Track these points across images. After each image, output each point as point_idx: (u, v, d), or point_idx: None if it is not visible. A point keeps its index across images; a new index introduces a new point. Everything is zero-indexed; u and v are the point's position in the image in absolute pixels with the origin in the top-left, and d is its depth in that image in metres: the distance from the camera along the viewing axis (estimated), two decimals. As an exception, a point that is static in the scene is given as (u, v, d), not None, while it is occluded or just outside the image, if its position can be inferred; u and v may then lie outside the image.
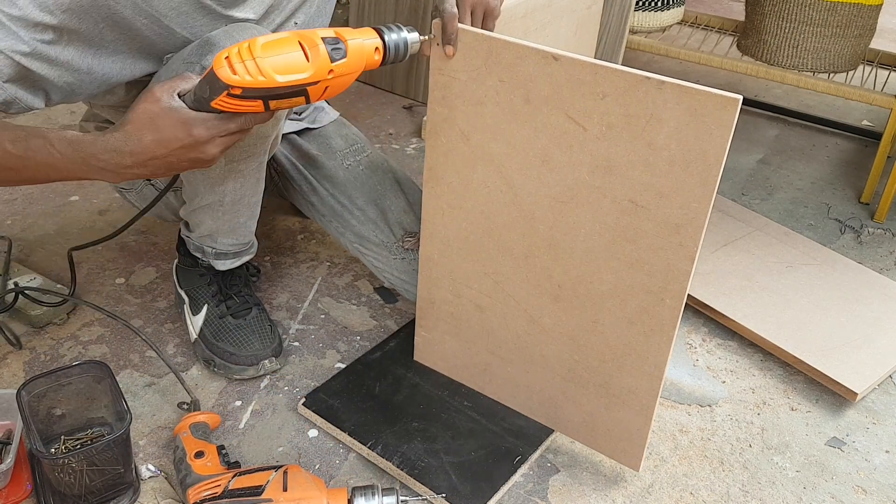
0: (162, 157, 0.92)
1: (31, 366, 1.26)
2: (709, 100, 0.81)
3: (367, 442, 1.13)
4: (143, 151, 0.91)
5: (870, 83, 2.07)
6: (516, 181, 1.00)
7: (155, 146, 0.91)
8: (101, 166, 0.93)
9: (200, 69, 1.01)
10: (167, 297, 1.42)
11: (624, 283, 0.98)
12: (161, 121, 0.90)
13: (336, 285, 1.49)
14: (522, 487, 1.11)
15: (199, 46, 1.03)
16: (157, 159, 0.92)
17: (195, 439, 1.08)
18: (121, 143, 0.91)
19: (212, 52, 1.01)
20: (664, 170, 0.88)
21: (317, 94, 0.89)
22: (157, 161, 0.92)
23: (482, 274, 1.11)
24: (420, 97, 2.26)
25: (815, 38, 1.94)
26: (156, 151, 0.91)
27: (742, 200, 1.88)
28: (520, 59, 0.92)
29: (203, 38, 1.05)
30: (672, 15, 2.21)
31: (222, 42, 1.01)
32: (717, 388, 1.32)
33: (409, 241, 1.33)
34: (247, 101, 0.87)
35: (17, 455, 1.02)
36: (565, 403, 1.13)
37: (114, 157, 0.92)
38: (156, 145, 0.91)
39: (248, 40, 0.87)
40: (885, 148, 1.86)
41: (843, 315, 1.43)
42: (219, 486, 0.99)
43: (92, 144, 0.92)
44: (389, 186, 1.38)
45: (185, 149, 0.92)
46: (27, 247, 1.53)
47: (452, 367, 1.25)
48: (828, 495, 1.14)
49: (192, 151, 0.92)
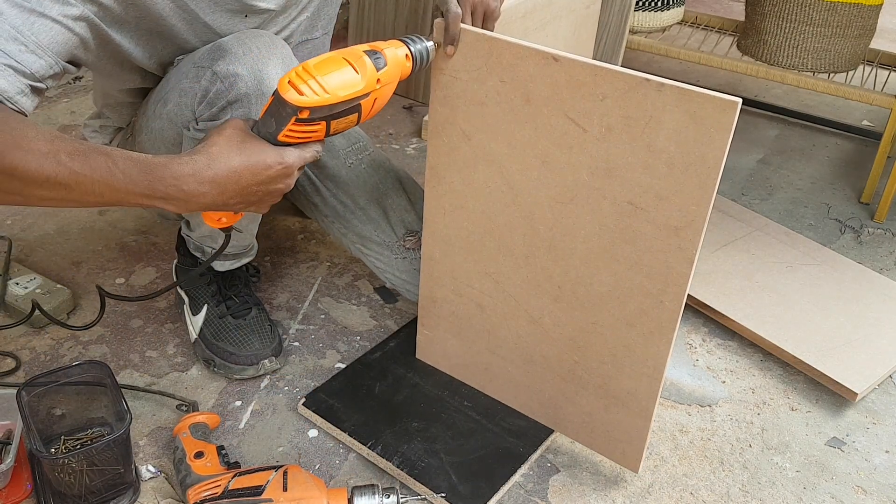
0: (245, 185, 0.87)
1: (31, 365, 1.26)
2: (708, 102, 0.81)
3: (367, 442, 1.13)
4: (228, 177, 0.86)
5: (870, 83, 2.07)
6: (517, 182, 1.01)
7: (243, 171, 0.86)
8: (169, 192, 0.85)
9: (211, 74, 1.02)
10: (167, 296, 1.43)
11: (623, 284, 0.98)
12: (251, 147, 0.87)
13: (336, 285, 1.50)
14: (522, 487, 1.11)
15: (211, 51, 1.04)
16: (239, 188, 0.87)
17: (195, 440, 1.08)
18: (203, 167, 0.85)
19: (223, 57, 1.02)
20: (663, 172, 0.88)
21: (367, 108, 0.91)
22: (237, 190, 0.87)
23: (483, 274, 1.11)
24: (420, 97, 2.27)
25: (815, 38, 1.94)
26: (242, 178, 0.86)
27: (742, 200, 1.88)
28: (520, 59, 0.92)
29: (214, 43, 1.05)
30: (672, 15, 2.21)
31: (234, 48, 1.02)
32: (717, 388, 1.32)
33: (410, 240, 1.33)
34: (312, 126, 0.88)
35: (17, 455, 1.02)
36: (565, 404, 1.13)
37: (190, 182, 0.85)
38: (247, 174, 0.86)
39: (301, 64, 0.87)
40: (885, 148, 1.86)
41: (843, 315, 1.44)
42: (219, 486, 0.99)
43: (164, 167, 0.85)
44: (391, 185, 1.38)
45: (274, 180, 0.88)
46: (27, 247, 1.53)
47: (454, 366, 1.25)
48: (828, 495, 1.14)
49: (279, 182, 0.89)
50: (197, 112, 1.05)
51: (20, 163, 0.78)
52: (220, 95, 1.02)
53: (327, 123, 0.89)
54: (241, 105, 1.02)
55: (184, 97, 1.07)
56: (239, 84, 1.01)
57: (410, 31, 2.11)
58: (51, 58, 0.89)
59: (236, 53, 1.01)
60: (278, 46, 1.05)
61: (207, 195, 0.86)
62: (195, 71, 1.05)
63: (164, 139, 1.14)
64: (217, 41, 1.06)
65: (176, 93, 1.08)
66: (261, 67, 1.02)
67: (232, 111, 1.03)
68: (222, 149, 0.86)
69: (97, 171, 0.82)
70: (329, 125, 0.89)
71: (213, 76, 1.02)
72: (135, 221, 1.63)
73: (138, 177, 0.83)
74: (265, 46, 1.03)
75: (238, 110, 1.02)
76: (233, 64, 1.01)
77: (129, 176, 0.83)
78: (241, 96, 1.02)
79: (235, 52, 1.01)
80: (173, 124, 1.10)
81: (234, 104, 1.02)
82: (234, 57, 1.01)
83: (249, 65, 1.01)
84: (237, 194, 0.88)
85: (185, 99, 1.06)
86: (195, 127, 1.07)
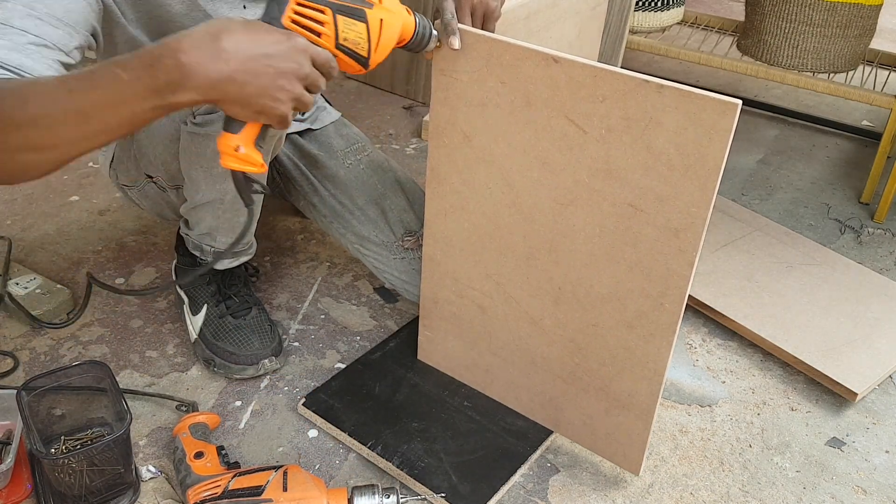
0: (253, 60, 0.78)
1: (31, 366, 1.26)
2: (708, 104, 0.81)
3: (367, 442, 1.13)
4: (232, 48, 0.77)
5: (870, 83, 2.07)
6: (517, 183, 1.01)
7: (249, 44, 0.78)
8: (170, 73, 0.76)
9: None
10: (167, 296, 1.43)
11: (623, 286, 0.98)
12: (256, 24, 0.81)
13: (336, 285, 1.50)
14: (522, 487, 1.12)
15: None
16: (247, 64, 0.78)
17: (195, 440, 1.08)
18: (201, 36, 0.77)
19: None
20: (663, 174, 0.88)
21: (375, 27, 0.87)
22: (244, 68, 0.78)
23: (484, 275, 1.11)
24: (420, 97, 2.26)
25: (815, 39, 1.94)
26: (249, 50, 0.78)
27: (742, 200, 1.88)
28: (520, 60, 0.92)
29: None
30: (672, 15, 2.21)
31: None
32: (717, 389, 1.32)
33: (409, 240, 1.33)
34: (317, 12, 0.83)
35: (17, 455, 1.02)
36: (566, 406, 1.14)
37: (187, 47, 0.76)
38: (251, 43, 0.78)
39: None
40: (885, 148, 1.86)
41: (843, 315, 1.44)
42: (219, 486, 0.99)
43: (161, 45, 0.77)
44: (390, 185, 1.38)
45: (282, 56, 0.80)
46: (27, 247, 1.53)
47: (455, 367, 1.25)
48: (828, 495, 1.14)
49: (289, 59, 0.80)
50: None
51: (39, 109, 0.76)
52: None
53: (334, 16, 0.84)
54: None
55: None
56: None
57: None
58: (70, 26, 0.88)
59: None
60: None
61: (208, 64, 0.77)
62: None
63: (163, 135, 1.14)
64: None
65: None
66: None
67: None
68: (222, 21, 0.80)
69: (105, 80, 0.77)
70: (336, 22, 0.84)
71: None
72: (135, 221, 1.63)
73: (139, 68, 0.76)
74: None
75: None
76: None
77: (132, 72, 0.76)
78: None
79: None
80: (171, 119, 1.10)
81: None
82: None
83: None
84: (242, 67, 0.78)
85: None
86: (192, 121, 1.07)
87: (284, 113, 0.83)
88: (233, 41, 0.77)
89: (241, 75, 0.78)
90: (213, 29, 0.78)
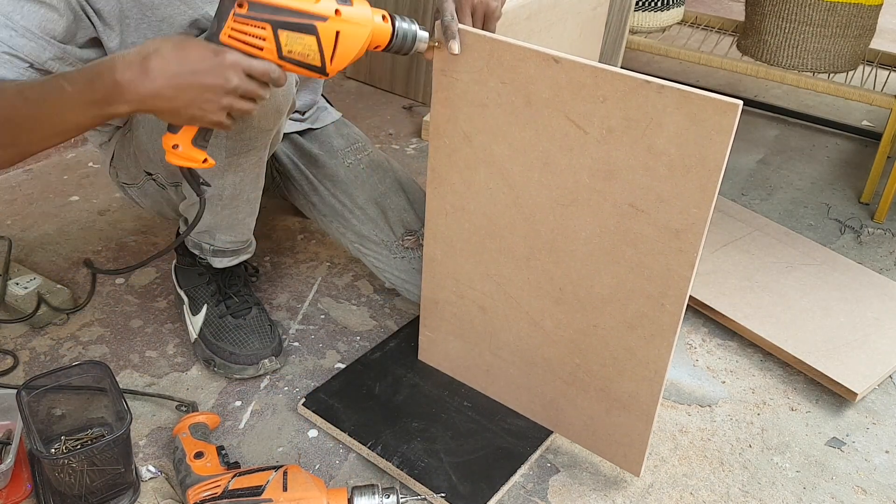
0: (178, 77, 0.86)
1: (31, 366, 1.26)
2: (709, 105, 0.81)
3: (367, 442, 1.13)
4: (158, 67, 0.85)
5: (870, 83, 2.07)
6: (518, 183, 1.01)
7: (174, 62, 0.86)
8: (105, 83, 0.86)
9: None
10: (167, 297, 1.42)
11: (624, 287, 0.98)
12: (187, 42, 0.87)
13: (336, 285, 1.50)
14: (522, 487, 1.12)
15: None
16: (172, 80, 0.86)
17: (195, 440, 1.08)
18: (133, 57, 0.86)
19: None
20: (664, 174, 0.88)
21: (328, 39, 0.87)
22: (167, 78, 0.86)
23: (485, 275, 1.11)
24: (420, 97, 2.26)
25: (814, 39, 1.94)
26: (173, 68, 0.85)
27: (742, 200, 1.88)
28: (521, 60, 0.92)
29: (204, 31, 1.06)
30: (672, 15, 2.21)
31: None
32: (716, 389, 1.32)
33: (409, 239, 1.33)
34: (255, 28, 0.85)
35: (18, 455, 1.02)
36: (566, 406, 1.14)
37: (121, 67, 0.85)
38: (176, 61, 0.86)
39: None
40: (885, 148, 1.86)
41: (843, 315, 1.44)
42: (219, 486, 0.99)
43: (100, 63, 0.87)
44: (390, 185, 1.38)
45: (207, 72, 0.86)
46: (27, 247, 1.53)
47: (456, 367, 1.25)
48: (828, 495, 1.14)
49: (214, 75, 0.86)
50: None
51: (1, 110, 0.89)
52: None
53: (274, 31, 0.86)
54: None
55: None
56: None
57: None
58: (42, 40, 0.95)
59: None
60: None
61: (138, 82, 0.85)
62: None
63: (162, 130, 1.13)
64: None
65: None
66: None
67: None
68: (156, 41, 0.88)
69: (53, 91, 0.88)
70: (277, 36, 0.86)
71: None
72: (135, 221, 1.63)
73: (82, 83, 0.87)
74: None
75: None
76: None
77: (75, 85, 0.87)
78: None
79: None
80: None
81: None
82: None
83: None
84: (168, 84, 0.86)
85: None
86: None
87: (217, 120, 0.90)
88: (160, 60, 0.86)
89: (167, 91, 0.86)
90: (144, 50, 0.86)
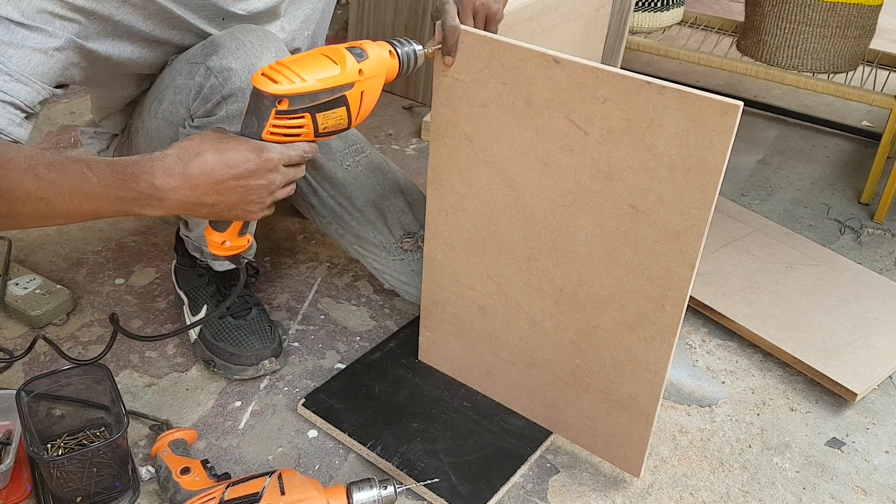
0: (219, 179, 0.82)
1: (31, 366, 1.26)
2: (709, 106, 0.81)
3: (367, 442, 1.13)
4: (202, 174, 0.82)
5: (870, 83, 2.06)
6: (518, 184, 1.01)
7: (218, 168, 0.82)
8: (141, 188, 0.81)
9: (205, 70, 1.02)
10: (167, 297, 1.42)
11: (624, 288, 0.98)
12: (227, 143, 0.83)
13: (336, 286, 1.50)
14: (522, 488, 1.12)
15: (204, 48, 1.04)
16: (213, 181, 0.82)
17: (177, 456, 1.05)
18: (173, 161, 0.81)
19: (216, 52, 1.01)
20: (664, 175, 0.88)
21: (355, 102, 0.90)
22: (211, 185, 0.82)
23: (485, 276, 1.11)
24: (420, 97, 2.26)
25: (814, 39, 1.94)
26: (215, 172, 0.82)
27: (742, 201, 1.88)
28: (521, 61, 0.92)
29: (207, 39, 1.05)
30: (672, 15, 2.21)
31: (226, 43, 1.02)
32: (716, 389, 1.32)
33: (408, 241, 1.33)
34: (296, 119, 0.86)
35: (17, 455, 1.02)
36: (566, 407, 1.14)
37: (159, 175, 0.81)
38: (220, 167, 0.82)
39: (275, 60, 0.87)
40: (885, 148, 1.86)
41: (843, 315, 1.44)
42: (213, 498, 0.96)
43: (135, 164, 0.82)
44: (389, 187, 1.38)
45: (252, 175, 0.84)
46: (27, 247, 1.53)
47: (456, 367, 1.25)
48: (827, 496, 1.14)
49: (259, 177, 0.84)
50: (192, 108, 1.05)
51: (4, 182, 0.80)
52: (215, 90, 1.02)
53: (312, 117, 0.87)
54: (236, 99, 1.02)
55: (178, 94, 1.06)
56: (233, 78, 1.01)
57: (410, 31, 2.10)
58: (37, 84, 0.90)
59: (229, 48, 1.01)
60: (271, 40, 1.05)
61: (179, 190, 0.82)
62: (189, 68, 1.05)
63: (161, 138, 1.13)
64: (210, 37, 1.05)
65: (170, 91, 1.08)
66: (254, 61, 1.01)
67: (227, 106, 1.03)
68: (195, 143, 0.84)
69: (73, 178, 0.81)
70: (315, 120, 0.87)
71: (206, 72, 1.02)
72: (134, 222, 1.63)
73: (111, 178, 0.81)
74: (258, 40, 1.03)
75: (233, 105, 1.02)
76: (226, 58, 1.01)
77: (102, 179, 0.81)
78: (235, 90, 1.01)
79: (228, 46, 1.01)
80: (169, 123, 1.10)
81: (228, 99, 1.02)
82: (227, 51, 1.01)
83: (242, 58, 1.01)
84: (212, 190, 0.83)
85: (180, 96, 1.06)
86: (191, 124, 1.07)
87: (262, 215, 0.90)
88: (201, 165, 0.82)
89: (210, 197, 0.84)
90: (184, 153, 0.82)
